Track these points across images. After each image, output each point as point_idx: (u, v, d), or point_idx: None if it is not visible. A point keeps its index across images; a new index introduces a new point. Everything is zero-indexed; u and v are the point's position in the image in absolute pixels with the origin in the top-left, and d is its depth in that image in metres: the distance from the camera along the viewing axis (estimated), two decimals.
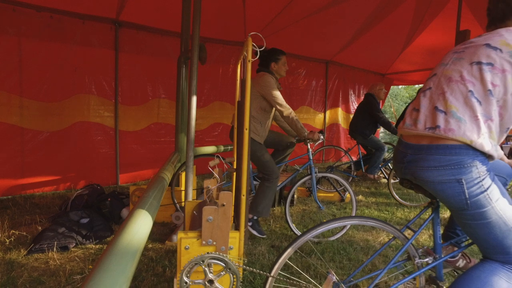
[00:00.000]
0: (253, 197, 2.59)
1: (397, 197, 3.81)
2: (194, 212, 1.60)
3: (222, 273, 1.11)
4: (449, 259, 1.50)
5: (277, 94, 2.42)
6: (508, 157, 4.64)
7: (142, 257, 2.36)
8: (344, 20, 5.15)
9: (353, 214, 2.72)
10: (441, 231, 1.68)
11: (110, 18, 3.98)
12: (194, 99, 2.35)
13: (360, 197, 4.13)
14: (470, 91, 1.11)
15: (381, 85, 4.32)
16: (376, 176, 4.27)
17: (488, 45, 1.12)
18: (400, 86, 17.99)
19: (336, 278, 1.30)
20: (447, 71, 1.21)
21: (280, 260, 1.18)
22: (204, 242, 1.28)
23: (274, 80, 2.49)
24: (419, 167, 1.17)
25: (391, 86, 8.01)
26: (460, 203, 1.12)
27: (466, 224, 1.18)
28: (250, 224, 2.58)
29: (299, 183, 2.69)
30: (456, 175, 1.10)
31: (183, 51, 3.22)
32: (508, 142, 8.33)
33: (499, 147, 1.54)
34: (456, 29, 5.13)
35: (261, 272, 1.19)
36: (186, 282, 1.07)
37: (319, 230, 1.21)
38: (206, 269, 1.09)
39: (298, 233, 2.71)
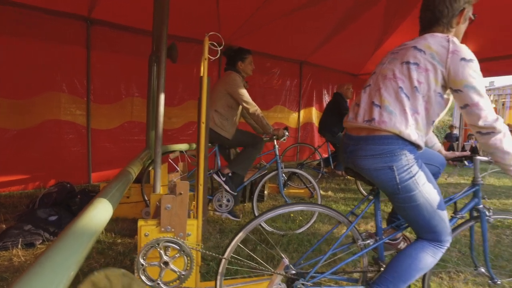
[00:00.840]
0: (235, 156, 2.73)
1: (364, 192, 4.00)
2: (157, 203, 1.67)
3: (176, 255, 1.20)
4: (391, 242, 1.65)
5: (243, 92, 2.52)
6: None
7: (110, 251, 2.40)
8: (318, 21, 5.31)
9: (319, 202, 2.86)
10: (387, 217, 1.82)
11: (82, 15, 3.95)
12: (162, 97, 2.41)
13: (329, 192, 4.30)
14: (400, 87, 1.25)
15: (349, 84, 4.51)
16: (343, 172, 4.46)
17: (415, 47, 1.27)
18: None
19: (288, 262, 1.41)
20: (383, 70, 1.34)
21: (232, 243, 1.28)
22: (163, 229, 1.36)
23: (241, 78, 2.59)
24: (358, 156, 1.30)
25: None
26: (392, 187, 1.26)
27: (399, 207, 1.32)
28: (223, 179, 2.70)
29: (266, 178, 2.80)
30: (388, 162, 1.23)
31: (154, 49, 3.26)
32: (469, 140, 8.82)
33: (435, 138, 1.70)
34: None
35: (215, 254, 1.28)
36: (142, 264, 1.15)
37: (268, 215, 1.32)
38: (161, 251, 1.17)
39: (266, 227, 2.82)
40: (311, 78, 6.89)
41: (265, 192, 3.73)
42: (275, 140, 2.78)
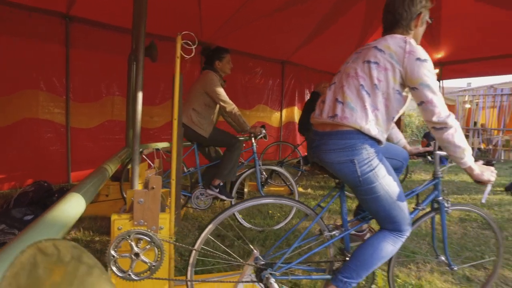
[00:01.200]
0: (218, 165, 2.76)
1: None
2: (132, 198, 1.70)
3: (147, 247, 1.24)
4: (358, 233, 1.73)
5: (220, 91, 2.57)
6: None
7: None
8: (299, 21, 5.40)
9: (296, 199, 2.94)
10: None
11: (60, 12, 3.90)
12: (140, 95, 2.43)
13: (309, 190, 4.40)
14: (361, 85, 1.33)
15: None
16: (311, 166, 4.56)
17: (376, 47, 1.35)
18: None
19: (258, 254, 1.47)
20: (347, 69, 1.42)
21: (202, 235, 1.33)
22: (135, 223, 1.39)
23: (218, 77, 2.64)
24: (322, 150, 1.37)
25: None
26: (354, 180, 1.33)
27: (362, 199, 1.40)
28: (217, 190, 2.74)
29: (244, 175, 2.86)
30: (349, 156, 1.31)
31: (133, 48, 3.27)
32: None
33: (400, 134, 1.79)
34: None
35: (185, 246, 1.33)
36: (113, 256, 1.18)
37: (237, 208, 1.38)
38: (132, 243, 1.21)
39: (245, 223, 2.88)
40: (293, 77, 6.99)
41: (245, 189, 3.78)
42: (252, 138, 2.84)
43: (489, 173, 1.40)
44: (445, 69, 7.37)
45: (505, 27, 5.26)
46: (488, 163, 1.42)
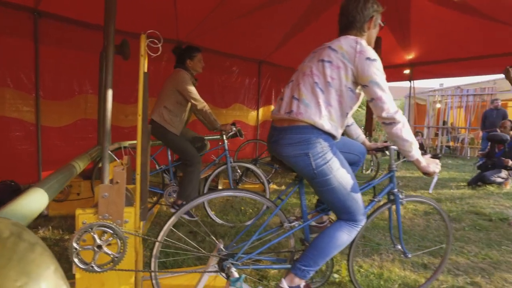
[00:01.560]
0: (179, 184, 2.76)
1: None
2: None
3: (110, 239, 1.27)
4: (318, 224, 1.82)
5: (192, 89, 2.61)
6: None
7: (57, 248, 2.39)
8: (276, 21, 5.47)
9: (267, 196, 3.02)
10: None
11: (27, 6, 3.79)
12: (110, 92, 2.44)
13: (283, 187, 4.50)
14: (316, 82, 1.41)
15: None
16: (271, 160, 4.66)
17: (330, 47, 1.44)
18: None
19: (221, 246, 1.53)
20: (304, 67, 1.51)
21: (165, 227, 1.38)
22: (100, 217, 1.42)
23: (189, 76, 2.67)
24: (280, 144, 1.45)
25: None
26: (309, 172, 1.42)
27: (318, 191, 1.49)
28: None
29: (215, 172, 2.91)
30: (304, 149, 1.39)
31: (105, 45, 3.25)
32: (417, 137, 9.49)
33: (359, 130, 1.89)
34: None
35: (149, 238, 1.37)
36: (76, 248, 1.21)
37: (197, 202, 1.44)
38: (95, 235, 1.24)
39: (217, 220, 2.93)
40: (269, 77, 7.09)
41: (219, 187, 3.84)
42: (224, 136, 2.90)
43: (434, 165, 1.52)
44: (416, 70, 7.70)
45: (468, 31, 5.57)
46: (434, 156, 1.53)
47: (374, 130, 9.30)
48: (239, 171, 3.84)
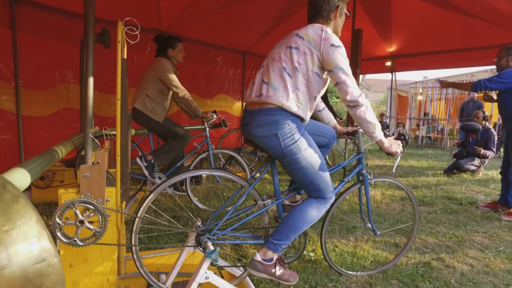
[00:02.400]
0: (160, 146, 2.83)
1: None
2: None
3: (91, 214, 1.35)
4: (291, 203, 1.93)
5: (173, 77, 2.66)
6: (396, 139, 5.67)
7: None
8: (259, 12, 5.51)
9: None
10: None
11: None
12: (90, 80, 2.47)
13: (266, 175, 4.61)
14: (284, 67, 1.50)
15: None
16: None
17: (297, 35, 1.53)
18: None
19: (199, 223, 1.62)
20: (273, 53, 1.60)
21: (144, 204, 1.46)
22: (82, 196, 1.49)
23: (171, 64, 2.73)
24: (251, 126, 1.54)
25: None
26: (279, 152, 1.52)
27: (288, 170, 1.59)
28: (145, 164, 2.81)
29: (197, 159, 2.99)
30: (273, 130, 1.49)
31: (85, 33, 3.25)
32: (398, 128, 9.76)
33: (330, 115, 1.99)
34: (352, 27, 5.90)
35: (129, 214, 1.45)
36: (58, 223, 1.28)
37: (176, 179, 1.52)
38: (77, 211, 1.31)
39: (199, 205, 3.02)
40: (254, 67, 7.15)
41: (203, 175, 3.91)
42: (205, 123, 2.97)
43: (396, 146, 1.65)
44: (397, 62, 7.89)
45: (448, 26, 5.76)
46: (398, 138, 1.64)
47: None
48: (222, 159, 3.92)
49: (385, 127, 9.55)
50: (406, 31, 6.60)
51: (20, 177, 1.35)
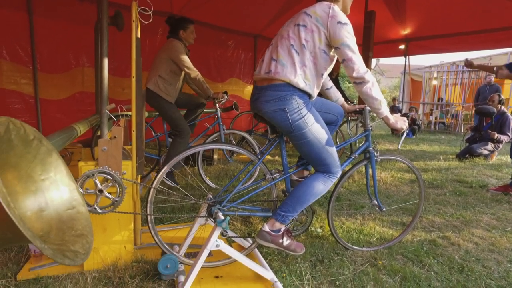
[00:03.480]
0: (166, 151, 2.91)
1: None
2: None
3: (109, 184, 1.44)
4: (299, 178, 1.99)
5: (185, 58, 2.72)
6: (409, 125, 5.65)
7: None
8: None
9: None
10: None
11: None
12: (105, 61, 2.55)
13: (276, 157, 4.68)
14: (292, 44, 1.54)
15: None
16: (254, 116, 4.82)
17: (305, 12, 1.56)
18: None
19: (210, 195, 1.71)
20: (282, 31, 1.63)
21: (158, 176, 1.55)
22: (100, 168, 1.58)
23: (183, 46, 2.78)
24: (260, 101, 1.59)
25: None
26: (287, 126, 1.57)
27: (296, 144, 1.64)
28: (169, 179, 2.91)
29: (209, 139, 3.07)
30: (281, 105, 1.54)
31: (100, 17, 3.32)
32: (410, 113, 9.62)
33: (338, 93, 2.02)
34: (364, 9, 5.78)
35: (144, 184, 1.54)
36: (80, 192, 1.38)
37: (188, 152, 1.60)
38: (96, 181, 1.41)
39: (211, 184, 3.11)
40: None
41: (215, 156, 4.00)
42: (216, 104, 3.04)
43: (402, 122, 1.68)
44: (411, 45, 7.70)
45: (465, 5, 5.58)
46: (403, 115, 1.66)
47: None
48: (233, 141, 4.00)
49: (397, 111, 9.42)
50: (422, 13, 6.42)
51: None
